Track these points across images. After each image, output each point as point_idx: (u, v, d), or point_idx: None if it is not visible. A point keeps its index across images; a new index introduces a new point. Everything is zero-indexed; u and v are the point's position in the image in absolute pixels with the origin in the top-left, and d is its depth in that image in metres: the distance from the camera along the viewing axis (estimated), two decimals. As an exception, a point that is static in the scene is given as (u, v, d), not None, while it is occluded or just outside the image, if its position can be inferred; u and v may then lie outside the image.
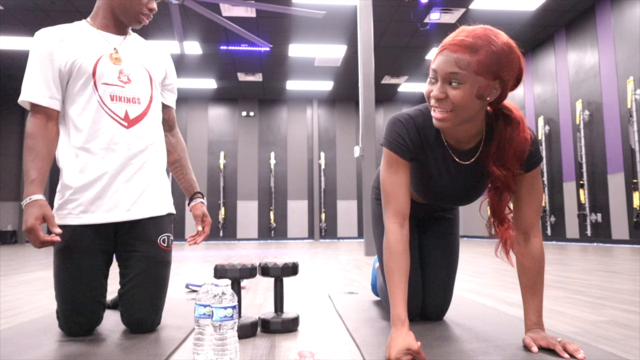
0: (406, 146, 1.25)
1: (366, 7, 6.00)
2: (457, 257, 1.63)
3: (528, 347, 1.18)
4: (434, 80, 1.13)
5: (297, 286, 2.70)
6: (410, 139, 1.26)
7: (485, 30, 1.10)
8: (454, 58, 1.08)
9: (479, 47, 1.07)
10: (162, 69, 1.65)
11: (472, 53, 1.07)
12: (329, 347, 1.30)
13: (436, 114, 1.14)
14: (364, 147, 5.88)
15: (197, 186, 1.75)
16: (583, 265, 3.75)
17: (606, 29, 7.36)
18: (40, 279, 3.33)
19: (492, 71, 1.09)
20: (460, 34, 1.10)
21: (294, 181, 12.65)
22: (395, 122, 1.27)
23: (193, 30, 8.37)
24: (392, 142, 1.26)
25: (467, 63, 1.07)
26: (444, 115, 1.13)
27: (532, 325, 1.23)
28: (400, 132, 1.26)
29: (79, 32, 1.51)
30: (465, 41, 1.08)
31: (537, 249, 1.25)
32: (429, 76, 1.15)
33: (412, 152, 1.27)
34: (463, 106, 1.11)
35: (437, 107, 1.13)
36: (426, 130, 1.28)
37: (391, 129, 1.27)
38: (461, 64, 1.07)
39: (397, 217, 1.23)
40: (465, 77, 1.08)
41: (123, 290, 1.48)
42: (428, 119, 1.28)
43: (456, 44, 1.08)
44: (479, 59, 1.07)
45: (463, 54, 1.08)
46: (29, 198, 1.35)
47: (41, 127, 1.44)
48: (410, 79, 11.22)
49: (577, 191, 7.96)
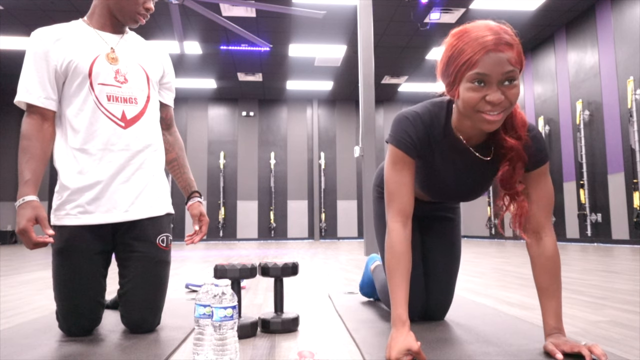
0: (413, 143, 1.23)
1: (366, 7, 6.00)
2: (459, 257, 1.63)
3: (552, 354, 1.11)
4: (481, 84, 1.08)
5: (297, 286, 2.70)
6: (418, 136, 1.24)
7: (499, 25, 1.10)
8: (505, 57, 1.06)
9: (512, 41, 1.08)
10: (159, 68, 1.64)
11: (511, 49, 1.07)
12: (329, 347, 1.30)
13: (490, 117, 1.10)
14: (364, 147, 5.88)
15: (194, 185, 1.75)
16: (583, 265, 3.75)
17: (606, 29, 7.36)
18: (40, 279, 3.33)
19: (521, 61, 1.10)
20: (488, 32, 1.07)
21: (294, 181, 12.65)
22: (402, 119, 1.25)
23: (193, 30, 8.37)
24: (398, 139, 1.23)
25: (514, 59, 1.07)
26: (498, 117, 1.10)
27: (551, 329, 1.17)
28: (407, 129, 1.23)
29: (75, 31, 1.50)
30: (505, 38, 1.07)
31: (550, 248, 1.22)
32: (470, 81, 1.09)
33: (418, 149, 1.25)
34: (515, 102, 1.11)
35: (492, 110, 1.09)
36: (433, 128, 1.26)
37: (398, 126, 1.25)
38: (512, 61, 1.06)
39: (400, 217, 1.22)
40: (516, 73, 1.08)
41: (122, 290, 1.48)
42: (435, 117, 1.26)
43: (498, 43, 1.06)
44: (517, 52, 1.08)
45: (508, 51, 1.06)
46: (22, 199, 1.35)
47: (36, 128, 1.43)
48: (410, 79, 11.22)
49: (577, 191, 7.96)
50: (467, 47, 1.08)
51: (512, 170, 1.21)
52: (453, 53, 1.11)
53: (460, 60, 1.09)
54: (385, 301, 1.68)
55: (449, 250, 1.61)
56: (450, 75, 1.13)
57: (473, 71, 1.07)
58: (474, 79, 1.08)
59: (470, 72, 1.07)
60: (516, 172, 1.21)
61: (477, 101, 1.09)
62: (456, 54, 1.10)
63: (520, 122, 1.20)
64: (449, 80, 1.15)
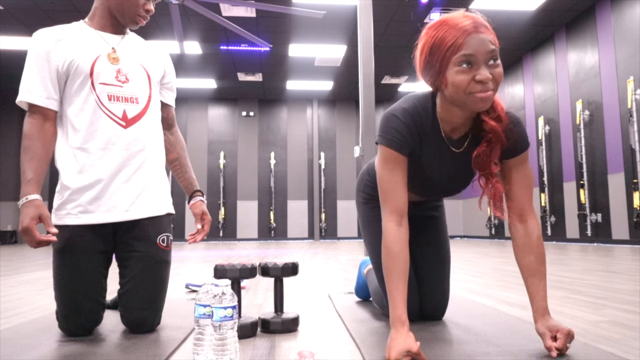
0: (404, 140, 1.23)
1: (366, 7, 6.00)
2: (448, 254, 1.64)
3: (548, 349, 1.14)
4: (469, 64, 1.11)
5: (297, 286, 2.70)
6: (409, 132, 1.24)
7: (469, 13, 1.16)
8: (486, 38, 1.11)
9: (488, 25, 1.15)
10: (160, 68, 1.65)
11: (489, 30, 1.14)
12: (329, 347, 1.30)
13: (483, 94, 1.12)
14: (364, 147, 5.87)
15: (196, 184, 1.75)
16: (583, 265, 3.75)
17: (606, 29, 7.36)
18: (40, 279, 3.33)
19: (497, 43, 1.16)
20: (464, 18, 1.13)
21: (294, 181, 12.64)
22: (389, 117, 1.24)
23: (193, 30, 8.37)
24: (389, 138, 1.23)
25: (494, 39, 1.14)
26: (489, 94, 1.13)
27: (543, 310, 1.20)
28: (396, 127, 1.23)
29: (77, 32, 1.51)
30: (481, 21, 1.14)
31: (536, 230, 1.26)
32: (458, 65, 1.12)
33: (410, 145, 1.25)
34: (500, 82, 1.15)
35: (483, 88, 1.12)
36: (422, 120, 1.26)
37: (386, 124, 1.24)
38: (493, 41, 1.13)
39: (394, 215, 1.22)
40: (498, 54, 1.14)
41: (122, 290, 1.48)
42: (422, 109, 1.26)
43: (479, 24, 1.12)
44: (493, 34, 1.15)
45: (487, 33, 1.13)
46: (25, 198, 1.35)
47: (38, 128, 1.44)
48: (410, 79, 11.22)
49: (577, 191, 7.95)
50: (448, 34, 1.12)
51: (489, 151, 1.23)
52: (435, 42, 1.14)
53: (444, 46, 1.12)
54: (380, 305, 1.67)
55: (439, 248, 1.61)
56: (435, 64, 1.15)
57: (459, 53, 1.11)
58: (461, 61, 1.11)
59: (457, 54, 1.11)
60: (493, 153, 1.23)
61: (468, 82, 1.12)
62: (438, 42, 1.14)
63: (499, 105, 1.24)
64: (435, 70, 1.16)
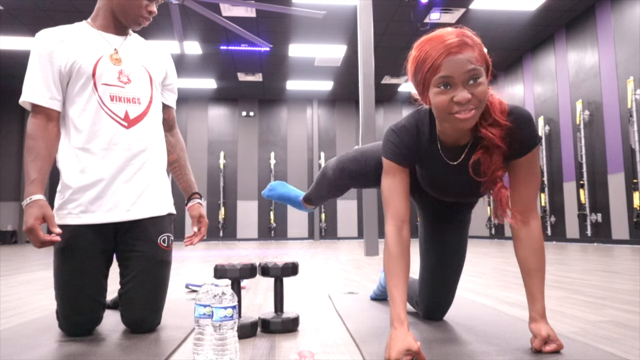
0: (401, 154, 1.28)
1: (366, 7, 6.00)
2: (464, 258, 1.63)
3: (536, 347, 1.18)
4: (447, 86, 1.13)
5: (297, 286, 2.70)
6: (406, 146, 1.29)
7: (458, 29, 1.16)
8: (465, 58, 1.11)
9: (472, 42, 1.13)
10: (162, 69, 1.65)
11: (472, 49, 1.13)
12: (329, 347, 1.30)
13: (462, 115, 1.13)
14: (364, 147, 5.87)
15: (195, 187, 1.75)
16: (583, 265, 3.75)
17: (606, 29, 7.36)
18: (40, 279, 3.33)
19: (485, 60, 1.16)
20: (447, 37, 1.13)
21: (294, 181, 12.64)
22: (389, 133, 1.31)
23: (193, 30, 8.37)
24: (387, 150, 1.30)
25: (475, 58, 1.12)
26: (470, 114, 1.13)
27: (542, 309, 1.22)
28: (394, 141, 1.29)
29: (79, 32, 1.51)
30: (463, 40, 1.12)
31: (538, 230, 1.27)
32: (436, 86, 1.14)
33: (407, 158, 1.30)
34: (484, 99, 1.14)
35: (462, 109, 1.13)
36: (419, 136, 1.31)
37: (386, 139, 1.31)
38: (472, 60, 1.11)
39: (395, 220, 1.26)
40: (480, 71, 1.13)
41: (123, 290, 1.48)
42: (421, 124, 1.31)
43: (457, 45, 1.11)
44: (478, 52, 1.13)
45: (467, 51, 1.12)
46: (29, 198, 1.36)
47: (41, 128, 1.44)
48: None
49: (577, 191, 7.96)
50: (429, 54, 1.14)
51: (487, 158, 1.23)
52: (418, 62, 1.17)
53: (425, 67, 1.15)
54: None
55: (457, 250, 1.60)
56: (419, 82, 1.19)
57: (437, 75, 1.13)
58: (439, 82, 1.14)
59: (435, 76, 1.13)
60: (493, 159, 1.22)
61: (447, 103, 1.14)
62: (421, 61, 1.16)
63: (497, 109, 1.23)
64: (419, 89, 1.21)
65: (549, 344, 1.17)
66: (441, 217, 1.62)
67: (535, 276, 1.24)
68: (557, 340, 1.17)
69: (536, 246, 1.25)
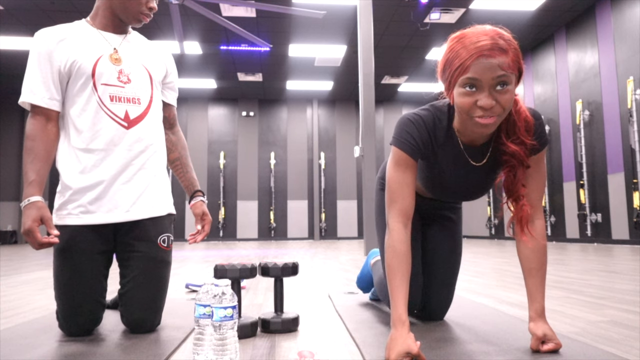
0: (416, 145, 1.25)
1: (366, 7, 6.00)
2: (459, 257, 1.63)
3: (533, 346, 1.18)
4: (473, 88, 1.11)
5: (297, 286, 2.70)
6: (421, 139, 1.26)
7: (495, 30, 1.12)
8: (496, 62, 1.08)
9: (507, 47, 1.10)
10: (162, 68, 1.64)
11: (505, 54, 1.09)
12: (329, 347, 1.30)
13: (483, 120, 1.12)
14: (364, 147, 5.88)
15: (197, 184, 1.75)
16: (583, 265, 3.75)
17: (606, 29, 7.36)
18: (40, 279, 3.33)
19: (518, 67, 1.13)
20: (480, 38, 1.10)
21: (294, 181, 12.65)
22: (405, 121, 1.27)
23: (193, 30, 8.37)
24: (402, 141, 1.25)
25: (507, 64, 1.09)
26: (491, 120, 1.12)
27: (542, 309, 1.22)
28: (410, 131, 1.25)
29: (79, 32, 1.51)
30: (496, 43, 1.09)
31: (542, 230, 1.27)
32: (462, 86, 1.12)
33: (422, 151, 1.27)
34: (509, 107, 1.13)
35: (485, 114, 1.11)
36: (436, 131, 1.28)
37: (401, 128, 1.26)
38: (503, 66, 1.08)
39: (401, 217, 1.23)
40: (509, 78, 1.10)
41: (123, 290, 1.48)
42: (438, 120, 1.28)
43: (489, 48, 1.08)
44: (511, 57, 1.10)
45: (500, 56, 1.09)
46: (28, 200, 1.35)
47: (41, 128, 1.44)
48: (410, 79, 11.22)
49: (577, 191, 7.96)
50: (461, 52, 1.11)
51: (513, 177, 1.23)
52: (449, 58, 1.15)
53: (454, 65, 1.12)
54: (382, 295, 1.68)
55: (451, 250, 1.61)
56: (446, 79, 1.17)
57: (464, 76, 1.10)
58: (465, 83, 1.11)
59: (462, 77, 1.11)
60: (517, 177, 1.23)
61: (470, 106, 1.12)
62: (451, 58, 1.14)
63: (523, 127, 1.21)
64: (446, 85, 1.19)
65: (547, 343, 1.17)
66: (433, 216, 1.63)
67: (536, 275, 1.24)
68: (554, 339, 1.17)
69: (538, 245, 1.25)
